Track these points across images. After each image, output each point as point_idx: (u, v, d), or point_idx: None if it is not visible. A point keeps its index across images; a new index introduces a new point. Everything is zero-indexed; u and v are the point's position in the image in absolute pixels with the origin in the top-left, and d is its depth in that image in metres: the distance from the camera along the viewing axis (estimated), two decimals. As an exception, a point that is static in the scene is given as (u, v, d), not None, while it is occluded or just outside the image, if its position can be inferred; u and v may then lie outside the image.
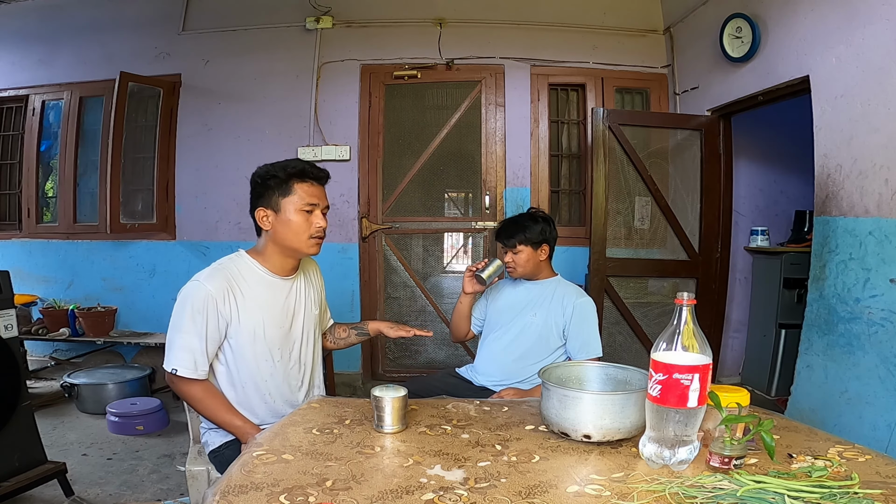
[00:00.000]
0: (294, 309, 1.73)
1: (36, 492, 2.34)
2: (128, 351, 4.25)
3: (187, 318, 1.56)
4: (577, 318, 2.12)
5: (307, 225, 1.63)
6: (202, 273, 1.61)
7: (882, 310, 2.35)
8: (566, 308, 2.13)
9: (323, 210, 1.67)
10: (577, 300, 2.14)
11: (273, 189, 1.63)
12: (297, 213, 1.62)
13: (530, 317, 2.16)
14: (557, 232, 2.25)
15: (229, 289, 1.60)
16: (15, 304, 2.33)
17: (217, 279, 1.59)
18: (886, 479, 1.04)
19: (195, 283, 1.59)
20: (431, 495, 0.98)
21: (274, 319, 1.67)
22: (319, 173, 1.67)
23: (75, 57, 4.28)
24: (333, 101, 4.06)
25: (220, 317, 1.58)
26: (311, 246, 1.65)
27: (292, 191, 1.62)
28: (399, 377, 4.04)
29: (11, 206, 4.56)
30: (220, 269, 1.63)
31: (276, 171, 1.63)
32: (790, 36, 2.88)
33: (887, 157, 2.34)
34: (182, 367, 1.55)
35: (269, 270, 1.68)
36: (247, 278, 1.65)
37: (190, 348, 1.55)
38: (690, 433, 1.07)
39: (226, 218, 4.13)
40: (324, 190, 1.69)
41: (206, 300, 1.55)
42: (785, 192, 4.09)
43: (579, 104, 4.16)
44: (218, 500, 0.96)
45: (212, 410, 1.60)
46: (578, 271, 3.94)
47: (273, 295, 1.68)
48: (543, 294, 2.19)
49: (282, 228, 1.63)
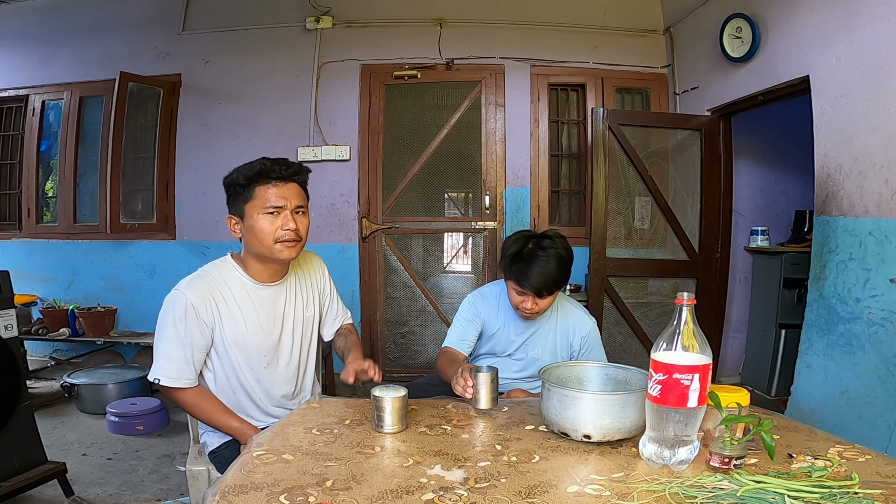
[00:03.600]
0: (283, 315, 1.68)
1: (36, 492, 2.34)
2: (128, 351, 4.25)
3: (169, 327, 1.53)
4: (585, 350, 1.97)
5: (273, 229, 1.53)
6: (184, 281, 1.58)
7: (882, 310, 2.35)
8: (573, 342, 1.97)
9: (294, 210, 1.56)
10: (584, 332, 1.96)
11: (237, 195, 1.56)
12: (261, 217, 1.53)
13: (533, 353, 1.99)
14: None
15: (211, 297, 1.56)
16: (15, 304, 2.33)
17: (198, 287, 1.56)
18: (886, 479, 1.04)
19: (176, 292, 1.55)
20: (431, 495, 0.98)
21: (259, 327, 1.62)
22: (284, 171, 1.55)
23: (75, 57, 4.28)
24: (333, 101, 4.06)
25: (203, 324, 1.54)
26: (282, 250, 1.55)
27: (254, 195, 1.53)
28: (399, 377, 4.04)
29: (11, 206, 4.56)
30: (202, 277, 1.59)
31: (237, 177, 1.56)
32: (790, 36, 2.88)
33: (887, 157, 2.34)
34: (164, 376, 1.53)
35: (253, 278, 1.63)
36: (230, 285, 1.60)
37: (172, 357, 1.53)
38: (690, 433, 1.07)
39: (225, 218, 4.12)
40: (296, 188, 1.58)
41: (185, 309, 1.52)
42: (785, 192, 4.09)
43: (579, 104, 4.16)
44: (218, 500, 0.96)
45: (207, 414, 1.59)
46: (578, 271, 3.94)
47: (258, 303, 1.63)
48: (546, 324, 1.98)
49: (248, 236, 1.56)
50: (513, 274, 1.82)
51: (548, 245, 1.80)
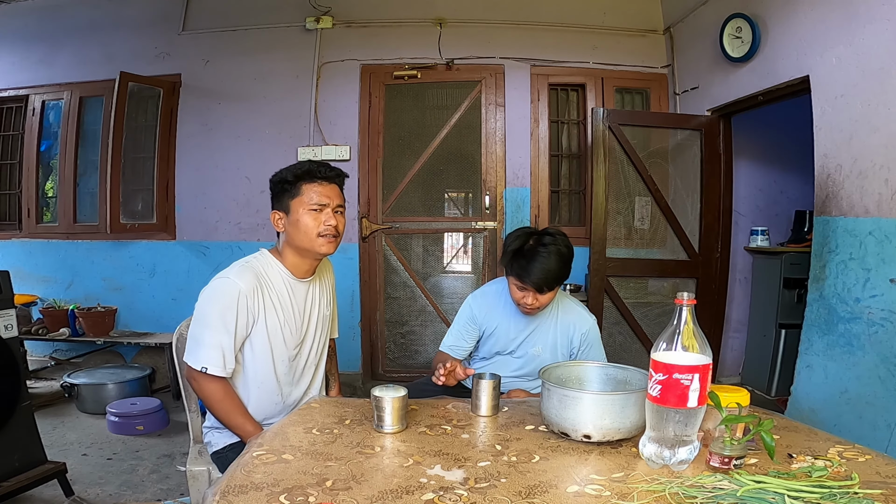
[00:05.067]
0: (309, 311, 1.76)
1: (36, 492, 2.34)
2: (128, 351, 4.25)
3: (217, 314, 1.56)
4: (585, 347, 1.98)
5: (316, 224, 1.63)
6: (230, 270, 1.62)
7: (882, 310, 2.35)
8: (573, 339, 1.98)
9: (335, 209, 1.66)
10: (584, 329, 1.97)
11: (284, 192, 1.66)
12: (306, 213, 1.63)
13: (533, 350, 2.00)
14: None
15: (258, 286, 1.61)
16: (15, 304, 2.33)
17: (247, 276, 1.60)
18: (886, 479, 1.04)
19: (225, 280, 1.59)
20: (431, 495, 0.98)
21: (292, 320, 1.70)
22: (329, 172, 1.67)
23: (75, 57, 4.28)
24: (333, 101, 4.06)
25: (249, 313, 1.59)
26: (323, 245, 1.65)
27: (300, 192, 1.64)
28: (399, 377, 4.04)
29: (11, 206, 4.56)
30: (249, 267, 1.64)
31: (285, 174, 1.66)
32: (790, 36, 2.88)
33: (887, 157, 2.34)
34: (212, 364, 1.55)
35: (290, 272, 1.70)
36: (272, 278, 1.67)
37: (220, 346, 1.56)
38: (690, 433, 1.07)
39: (226, 218, 4.13)
40: (337, 189, 1.69)
41: (237, 296, 1.56)
42: (785, 192, 4.09)
43: (579, 104, 4.16)
44: (218, 500, 0.96)
45: (227, 411, 1.60)
46: (578, 271, 3.94)
47: (293, 296, 1.70)
48: (546, 321, 1.99)
49: (292, 229, 1.65)
50: (514, 270, 1.84)
51: (549, 241, 1.82)
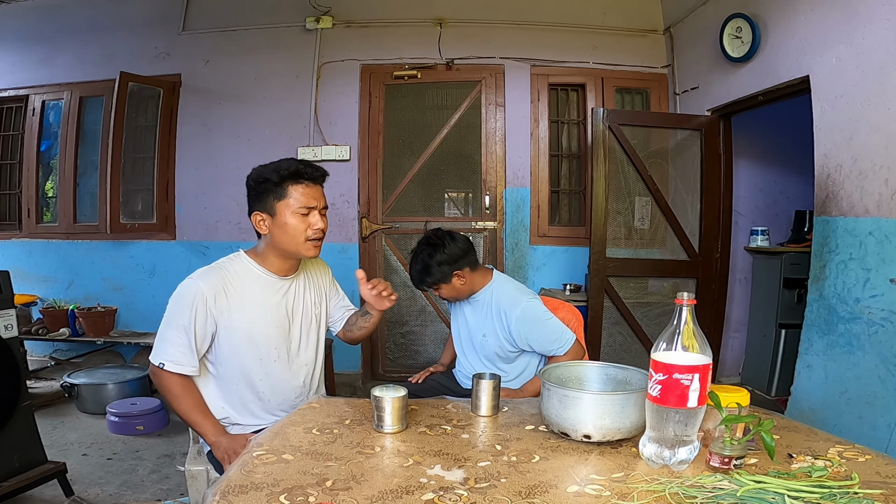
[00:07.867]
0: (293, 308, 1.72)
1: (36, 492, 2.34)
2: (128, 351, 4.25)
3: (178, 314, 1.57)
4: (523, 331, 2.03)
5: (304, 227, 1.59)
6: (197, 271, 1.62)
7: (882, 310, 2.35)
8: (508, 326, 2.05)
9: (321, 211, 1.62)
10: (512, 315, 2.03)
11: (267, 192, 1.59)
12: (293, 216, 1.58)
13: (481, 338, 2.14)
14: (459, 243, 2.06)
15: (223, 288, 1.60)
16: (15, 304, 2.33)
17: (211, 278, 1.60)
18: (886, 479, 1.04)
19: (188, 281, 1.60)
20: (431, 495, 0.98)
21: (271, 318, 1.67)
22: (315, 173, 1.62)
23: (75, 57, 4.28)
24: (333, 101, 4.06)
25: (209, 315, 1.58)
26: (310, 249, 1.62)
27: (287, 194, 1.58)
28: (399, 377, 4.04)
29: (11, 206, 4.56)
30: (216, 269, 1.63)
31: (268, 174, 1.59)
32: (790, 36, 2.88)
33: (887, 157, 2.34)
34: (169, 360, 1.56)
35: (268, 270, 1.68)
36: (242, 278, 1.64)
37: (177, 343, 1.56)
38: (690, 433, 1.07)
39: (226, 218, 4.13)
40: (321, 190, 1.64)
41: (195, 297, 1.56)
42: (785, 192, 4.09)
43: (579, 104, 4.16)
44: (218, 500, 0.96)
45: (186, 409, 1.60)
46: (578, 271, 3.94)
47: (270, 294, 1.67)
48: (485, 309, 2.13)
49: (278, 232, 1.60)
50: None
51: (419, 249, 2.09)
